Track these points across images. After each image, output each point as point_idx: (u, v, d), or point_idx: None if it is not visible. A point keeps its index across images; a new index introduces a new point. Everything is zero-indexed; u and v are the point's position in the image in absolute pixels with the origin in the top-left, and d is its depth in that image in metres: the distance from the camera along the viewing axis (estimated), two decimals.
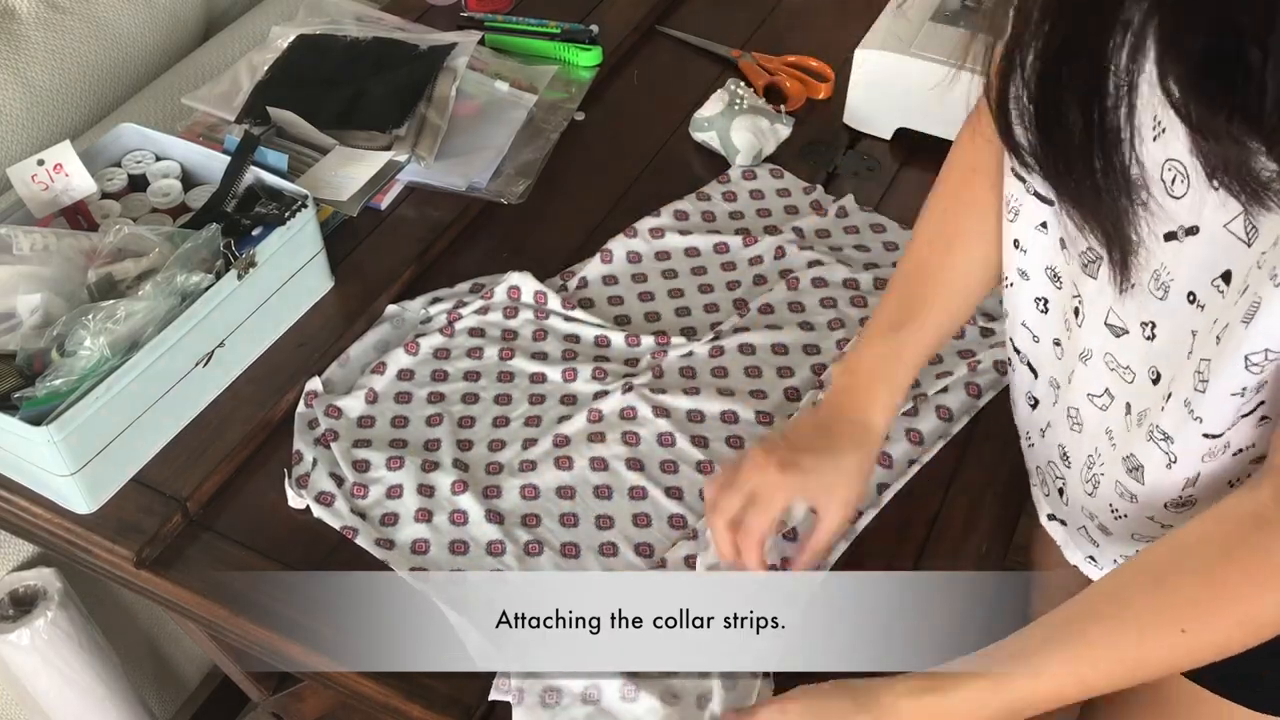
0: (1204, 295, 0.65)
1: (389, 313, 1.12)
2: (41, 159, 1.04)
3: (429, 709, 0.84)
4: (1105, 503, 0.80)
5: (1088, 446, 0.80)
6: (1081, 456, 0.82)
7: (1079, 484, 0.83)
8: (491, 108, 1.31)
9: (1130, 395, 0.74)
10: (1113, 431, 0.77)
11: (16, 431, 0.89)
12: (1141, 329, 0.70)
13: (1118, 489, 0.77)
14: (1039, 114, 0.55)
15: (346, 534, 0.94)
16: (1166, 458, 0.71)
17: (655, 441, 1.00)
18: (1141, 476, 0.74)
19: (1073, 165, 0.56)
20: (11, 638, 1.17)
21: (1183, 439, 0.69)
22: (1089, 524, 0.85)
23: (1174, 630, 0.65)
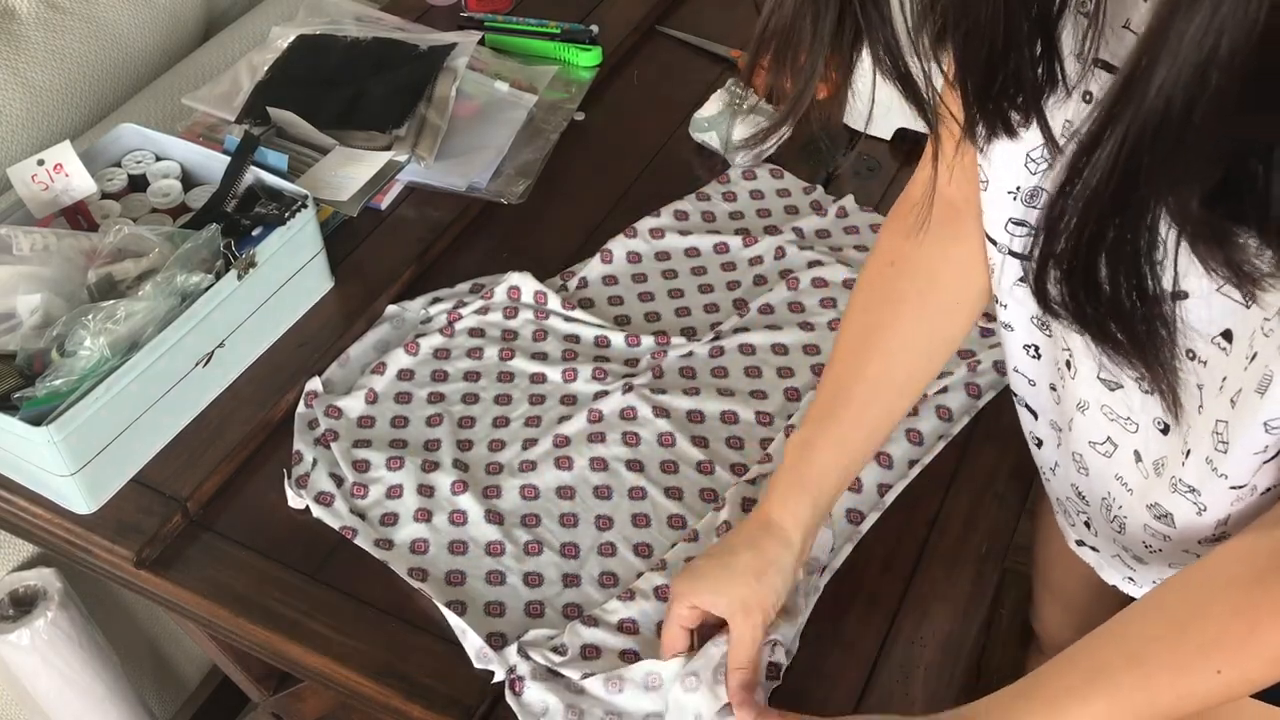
0: (1204, 353, 0.64)
1: (389, 313, 1.12)
2: (41, 159, 1.04)
3: (429, 709, 0.84)
4: (1137, 539, 0.79)
5: (1100, 490, 0.80)
6: (1097, 498, 0.81)
7: (1104, 522, 0.83)
8: (491, 108, 1.31)
9: (1137, 444, 0.73)
10: (1124, 478, 0.76)
11: (16, 431, 0.89)
12: (1137, 384, 0.70)
13: (1147, 531, 0.77)
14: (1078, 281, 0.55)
15: (345, 534, 0.94)
16: (1195, 507, 0.70)
17: (655, 442, 1.00)
18: (1172, 522, 0.73)
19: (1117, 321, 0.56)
20: (11, 638, 1.17)
21: (1209, 491, 0.69)
22: (1123, 554, 0.84)
23: (1209, 673, 0.63)
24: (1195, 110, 0.46)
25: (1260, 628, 0.63)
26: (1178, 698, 0.65)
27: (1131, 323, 0.56)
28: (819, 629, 0.89)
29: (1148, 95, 0.47)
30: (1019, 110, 0.57)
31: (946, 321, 0.85)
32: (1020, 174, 0.70)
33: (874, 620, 0.90)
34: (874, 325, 0.85)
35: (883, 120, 1.31)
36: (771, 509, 0.83)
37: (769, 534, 0.82)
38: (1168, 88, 0.46)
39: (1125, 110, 0.48)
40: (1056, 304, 0.57)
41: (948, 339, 0.86)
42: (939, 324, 0.85)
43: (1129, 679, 0.65)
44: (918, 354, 0.85)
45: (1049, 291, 0.57)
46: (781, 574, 0.81)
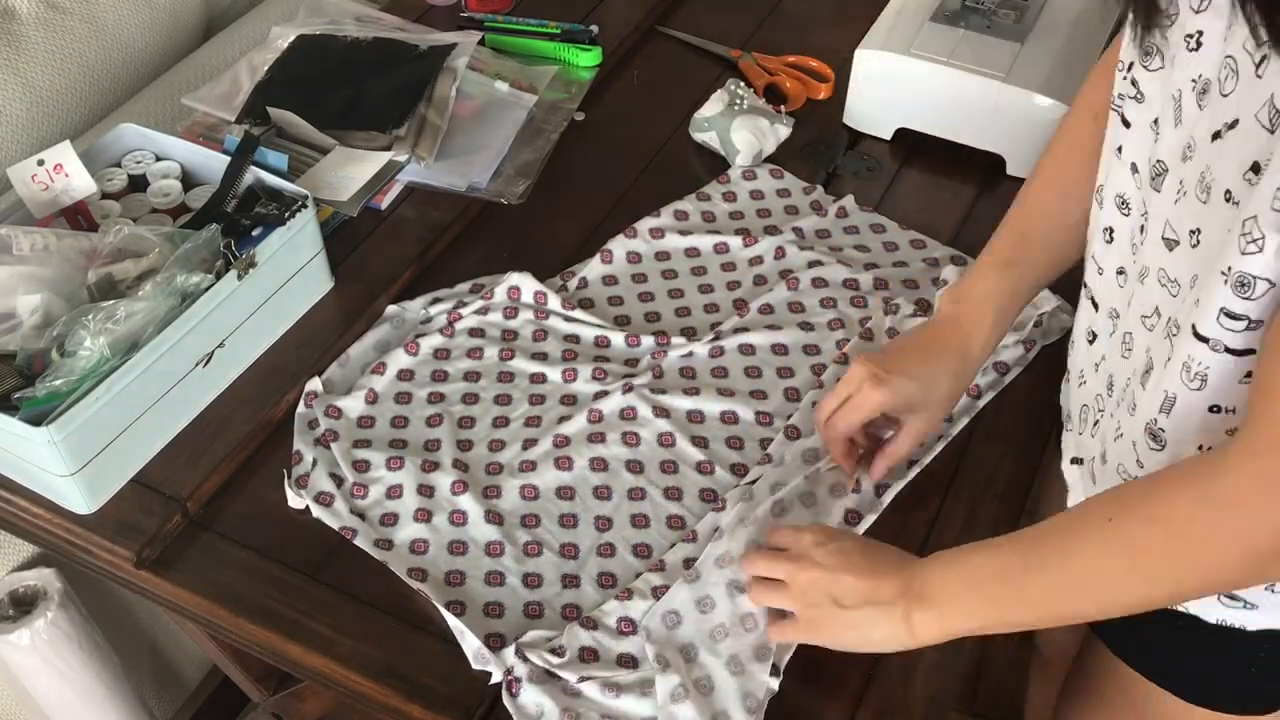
0: (1238, 191, 0.66)
1: (389, 313, 1.12)
2: (41, 159, 1.04)
3: (429, 709, 0.84)
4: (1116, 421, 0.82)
5: (1134, 368, 0.81)
6: (1123, 381, 0.83)
7: (1111, 409, 0.85)
8: (491, 108, 1.31)
9: (1174, 309, 0.74)
10: (1153, 352, 0.78)
11: (16, 432, 0.89)
12: (1189, 237, 0.71)
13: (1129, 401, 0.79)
14: None
15: (345, 534, 0.94)
16: (1169, 351, 0.73)
17: (655, 442, 1.00)
18: (1145, 381, 0.76)
19: None
20: (11, 638, 1.17)
21: (1183, 332, 0.71)
22: (1097, 454, 0.86)
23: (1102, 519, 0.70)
24: None
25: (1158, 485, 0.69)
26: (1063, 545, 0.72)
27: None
28: None
29: None
30: None
31: None
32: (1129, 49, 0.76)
33: None
34: (1076, 175, 0.90)
35: (883, 120, 1.31)
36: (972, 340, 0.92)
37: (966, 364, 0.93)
38: None
39: None
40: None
41: None
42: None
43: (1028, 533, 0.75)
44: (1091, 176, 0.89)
45: None
46: (958, 386, 0.93)
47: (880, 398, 0.90)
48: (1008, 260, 0.93)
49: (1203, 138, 0.68)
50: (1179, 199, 0.72)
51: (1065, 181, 0.91)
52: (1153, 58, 0.75)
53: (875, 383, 0.90)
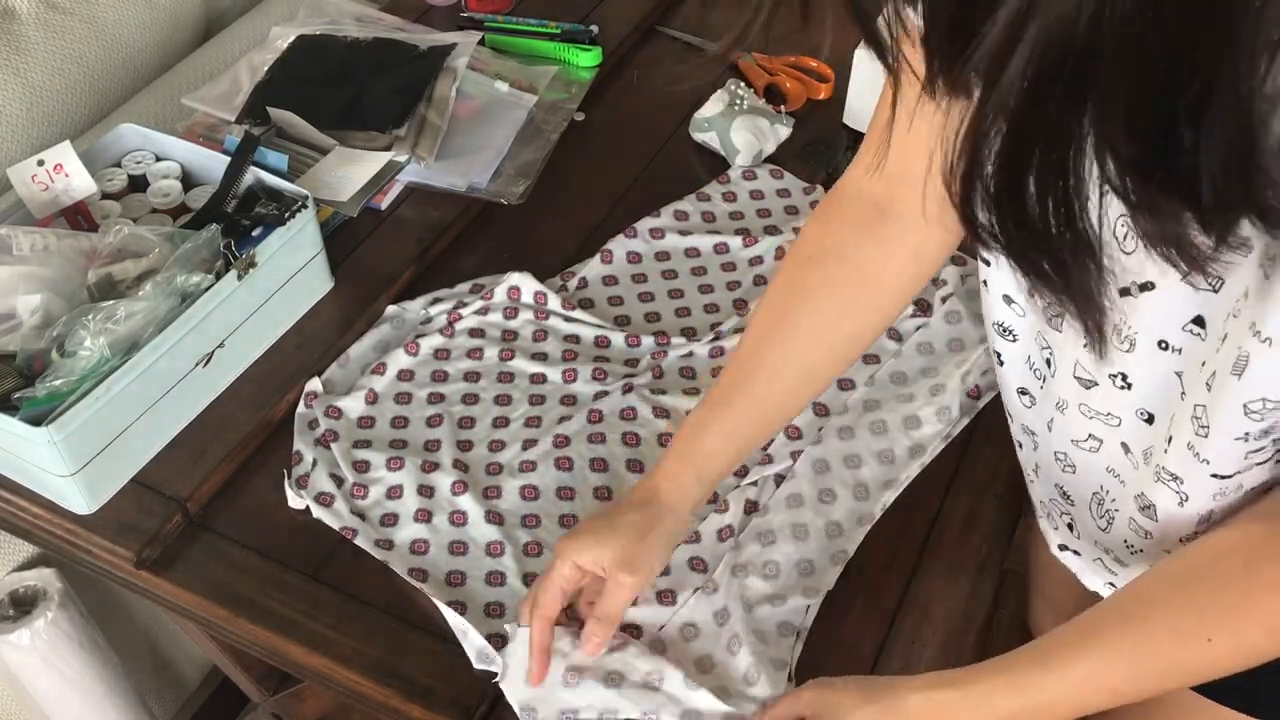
0: (1178, 341, 0.65)
1: (389, 313, 1.12)
2: (41, 159, 1.04)
3: (429, 709, 0.84)
4: (1120, 539, 0.79)
5: (1091, 484, 0.80)
6: (1086, 494, 0.81)
7: (1090, 520, 0.83)
8: (491, 108, 1.31)
9: (1124, 436, 0.73)
10: (1115, 470, 0.76)
11: (16, 432, 0.89)
12: (1111, 380, 0.70)
13: (1131, 525, 0.77)
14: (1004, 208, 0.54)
15: (346, 534, 0.94)
16: (1178, 497, 0.70)
17: (655, 442, 1.00)
18: (1154, 514, 0.73)
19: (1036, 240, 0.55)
20: (11, 638, 1.17)
21: (1191, 480, 0.68)
22: (1104, 556, 0.84)
23: (1200, 639, 0.65)
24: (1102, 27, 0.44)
25: (1254, 595, 0.64)
26: (1170, 663, 0.66)
27: (1059, 252, 0.55)
28: (819, 629, 0.89)
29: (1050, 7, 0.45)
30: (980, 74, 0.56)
31: (855, 322, 0.86)
32: None
33: (874, 620, 0.90)
34: (781, 315, 0.86)
35: None
36: (659, 482, 0.85)
37: (656, 501, 0.85)
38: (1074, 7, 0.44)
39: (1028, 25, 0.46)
40: (984, 230, 0.56)
41: (854, 337, 0.87)
42: (847, 323, 0.86)
43: (1124, 638, 0.67)
44: (821, 348, 0.86)
45: (977, 216, 0.56)
46: (664, 539, 0.84)
47: (564, 548, 0.82)
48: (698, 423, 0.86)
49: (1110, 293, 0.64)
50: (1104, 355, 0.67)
51: (773, 321, 0.86)
52: None
53: (564, 539, 0.83)
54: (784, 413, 0.89)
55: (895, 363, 1.06)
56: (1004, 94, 0.48)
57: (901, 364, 1.06)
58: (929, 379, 1.05)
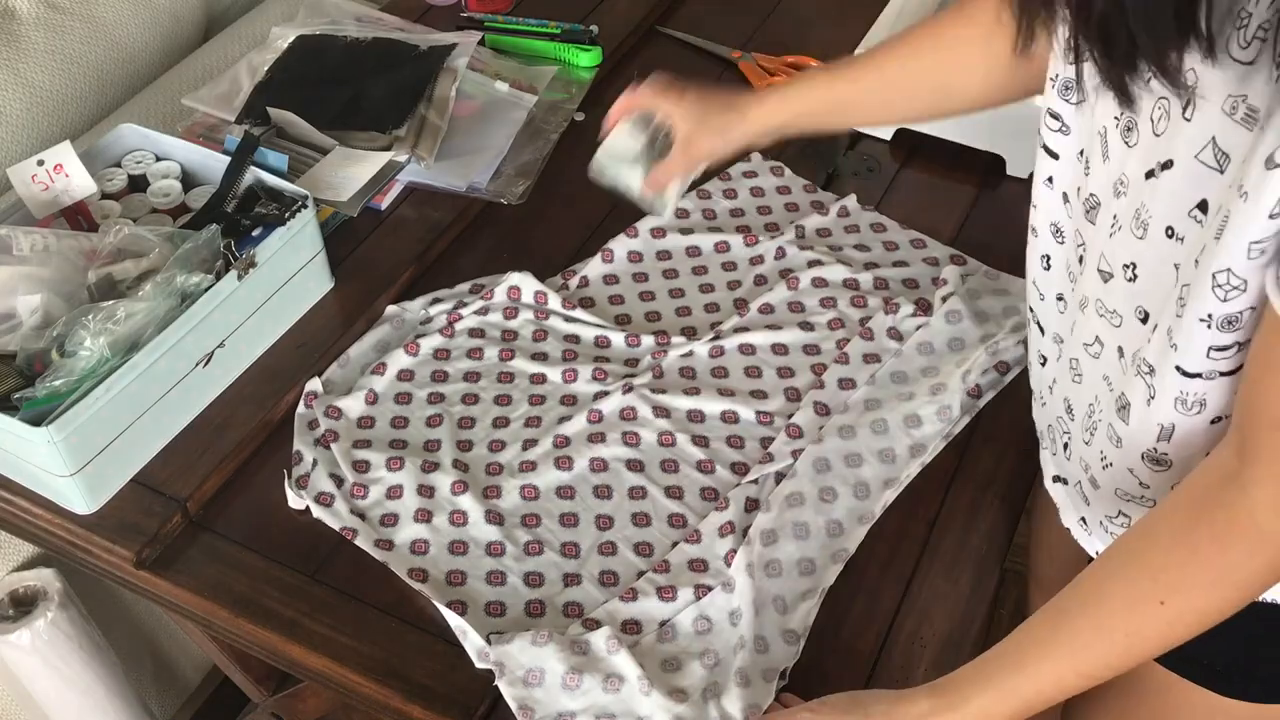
0: (1182, 228, 0.66)
1: (389, 313, 1.12)
2: (41, 159, 1.04)
3: (429, 709, 0.84)
4: (1097, 451, 0.81)
5: (1089, 395, 0.81)
6: (1083, 406, 0.83)
7: (1080, 434, 0.84)
8: (491, 108, 1.31)
9: (1121, 339, 0.75)
10: (1109, 377, 0.78)
11: (16, 432, 0.89)
12: (1124, 271, 0.72)
13: (1108, 433, 0.78)
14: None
15: (346, 534, 0.94)
16: (1148, 391, 0.72)
17: (655, 442, 1.00)
18: (1127, 416, 0.75)
19: None
20: (11, 638, 1.17)
21: (1162, 372, 0.70)
22: (1084, 479, 0.85)
23: (1154, 604, 0.67)
24: None
25: (1199, 549, 0.66)
26: (1127, 636, 0.69)
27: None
28: (819, 629, 0.89)
29: None
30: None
31: (963, 81, 0.95)
32: (1060, 64, 0.74)
33: (874, 620, 0.90)
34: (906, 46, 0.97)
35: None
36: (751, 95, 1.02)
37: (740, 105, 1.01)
38: None
39: None
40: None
41: (953, 93, 0.97)
42: (955, 78, 0.95)
43: (1086, 622, 0.70)
44: (924, 82, 0.97)
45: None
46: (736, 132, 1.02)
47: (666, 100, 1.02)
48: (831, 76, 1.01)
49: (1134, 175, 0.68)
50: (1113, 233, 0.72)
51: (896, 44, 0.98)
52: (1072, 91, 0.74)
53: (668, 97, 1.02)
54: (874, 103, 1.02)
55: (896, 362, 1.06)
56: None
57: (902, 363, 1.06)
58: (929, 378, 1.05)
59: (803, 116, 1.02)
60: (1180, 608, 0.67)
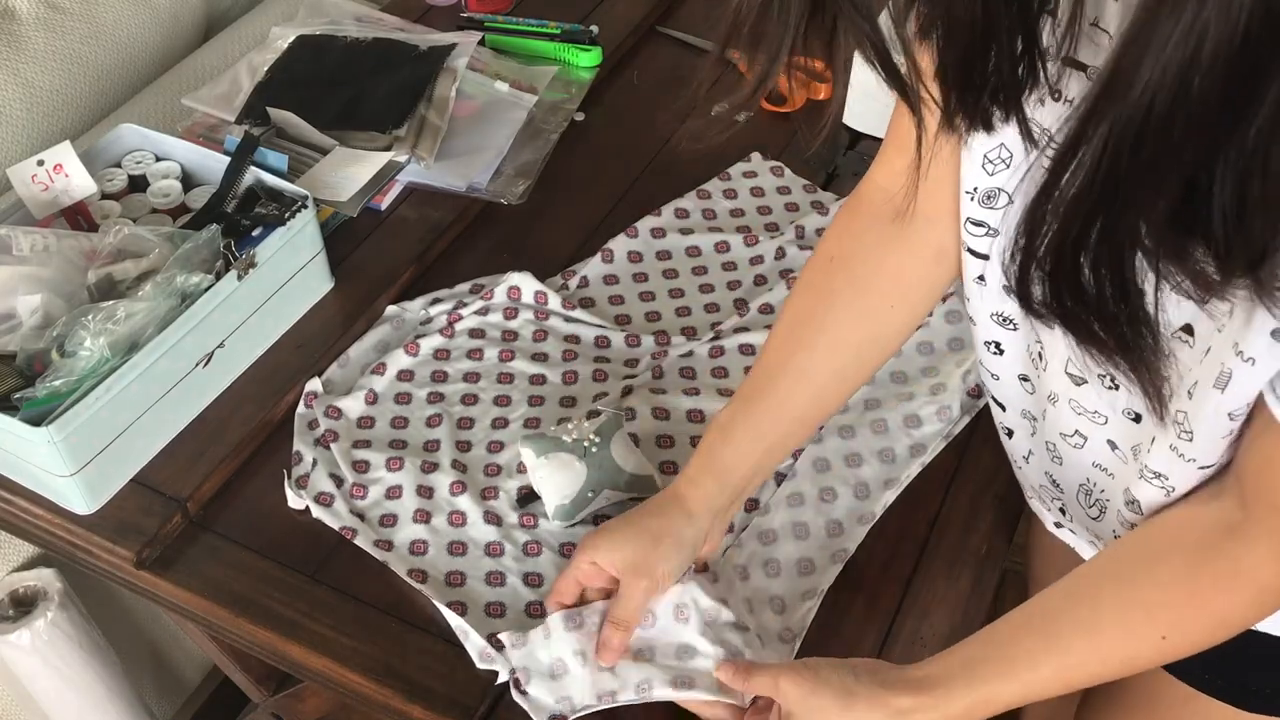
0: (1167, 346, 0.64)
1: (389, 314, 1.12)
2: (41, 159, 1.04)
3: (429, 709, 0.84)
4: (1110, 527, 0.80)
5: (1077, 477, 0.81)
6: (1073, 485, 0.82)
7: (1080, 509, 0.83)
8: (491, 108, 1.31)
9: (1110, 434, 0.74)
10: (1103, 465, 0.77)
11: (16, 432, 0.89)
12: (1100, 380, 0.71)
13: (1119, 517, 0.78)
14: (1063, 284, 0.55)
15: (345, 534, 0.94)
16: (1163, 491, 0.71)
17: (654, 444, 1.00)
18: (1139, 509, 0.74)
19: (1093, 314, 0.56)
20: (11, 638, 1.17)
21: (1176, 475, 0.70)
22: (1096, 541, 0.85)
23: (1154, 635, 0.68)
24: (1177, 112, 0.46)
25: (1200, 594, 0.67)
26: (1123, 663, 0.70)
27: (1116, 324, 0.56)
28: (819, 629, 0.89)
29: (1131, 95, 0.46)
30: (999, 106, 0.56)
31: (880, 323, 0.85)
32: (978, 175, 0.71)
33: (874, 620, 0.90)
34: (806, 319, 0.85)
35: (883, 120, 1.31)
36: (680, 485, 0.85)
37: (675, 506, 0.84)
38: (1151, 88, 0.45)
39: (1108, 109, 0.47)
40: (1040, 304, 0.57)
41: (879, 341, 0.86)
42: (871, 325, 0.85)
43: (1081, 644, 0.70)
44: (846, 352, 0.85)
45: (1033, 292, 0.57)
46: (679, 546, 0.83)
47: (584, 548, 0.84)
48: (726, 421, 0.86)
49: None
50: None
51: (797, 334, 0.86)
52: (995, 198, 0.71)
53: (584, 540, 0.85)
54: (811, 419, 0.88)
55: (895, 362, 1.06)
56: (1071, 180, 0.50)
57: (902, 363, 1.06)
58: (929, 378, 1.05)
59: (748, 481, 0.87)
60: (1178, 642, 0.68)
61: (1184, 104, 0.45)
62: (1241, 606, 0.67)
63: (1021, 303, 0.58)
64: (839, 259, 0.85)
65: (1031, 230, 0.54)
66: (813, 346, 0.85)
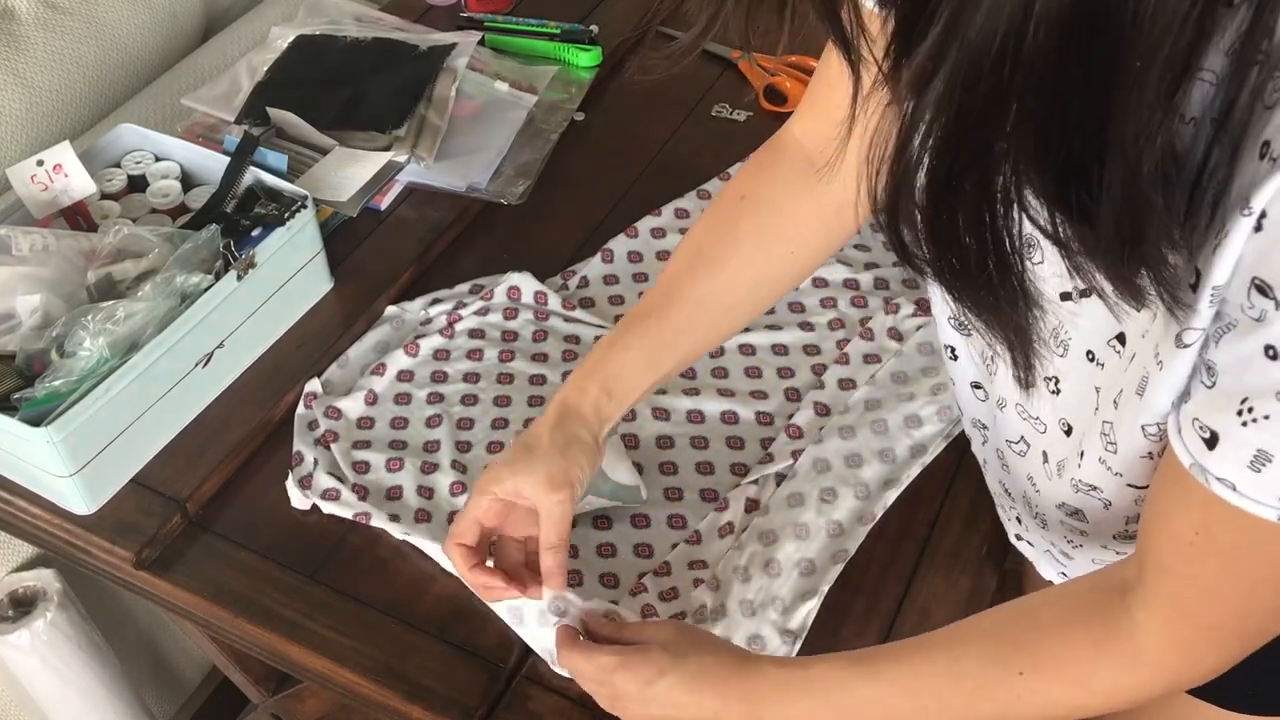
0: (1101, 354, 0.65)
1: (389, 314, 1.12)
2: (41, 159, 1.04)
3: (429, 710, 0.84)
4: (1060, 535, 0.80)
5: (1019, 487, 0.81)
6: (1019, 494, 0.82)
7: (1030, 518, 0.84)
8: (491, 108, 1.31)
9: (1045, 445, 0.74)
10: (1034, 478, 0.77)
11: (16, 432, 0.89)
12: (1046, 383, 0.70)
13: (1064, 527, 0.78)
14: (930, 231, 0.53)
15: (360, 520, 0.94)
16: (1101, 503, 0.71)
17: (654, 444, 1.00)
18: (1084, 518, 0.74)
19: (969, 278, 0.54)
20: (11, 639, 1.17)
21: (1109, 489, 0.69)
22: (1052, 549, 0.85)
23: (1013, 672, 0.66)
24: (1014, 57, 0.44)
25: (1071, 651, 0.65)
26: (977, 686, 0.67)
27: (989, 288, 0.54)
28: (819, 629, 0.89)
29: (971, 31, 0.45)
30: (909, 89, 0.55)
31: (777, 266, 0.87)
32: None
33: (874, 620, 0.90)
34: (709, 252, 0.87)
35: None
36: (568, 395, 0.84)
37: (567, 415, 0.83)
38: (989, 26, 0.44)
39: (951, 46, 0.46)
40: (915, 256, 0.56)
41: (774, 282, 0.89)
42: (769, 267, 0.87)
43: (942, 656, 0.69)
44: (742, 289, 0.87)
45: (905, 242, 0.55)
46: (584, 450, 0.82)
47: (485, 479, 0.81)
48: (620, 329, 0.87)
49: (1049, 293, 0.62)
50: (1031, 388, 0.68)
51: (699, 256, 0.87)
52: None
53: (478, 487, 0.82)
54: (695, 347, 0.89)
55: (896, 362, 1.06)
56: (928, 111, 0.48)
57: (902, 363, 1.06)
58: (930, 378, 1.05)
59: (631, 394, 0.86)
60: (1036, 689, 0.66)
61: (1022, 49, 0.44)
62: (1111, 672, 0.64)
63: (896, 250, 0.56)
64: (749, 198, 0.87)
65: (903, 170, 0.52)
66: (711, 279, 0.86)
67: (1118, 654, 0.64)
